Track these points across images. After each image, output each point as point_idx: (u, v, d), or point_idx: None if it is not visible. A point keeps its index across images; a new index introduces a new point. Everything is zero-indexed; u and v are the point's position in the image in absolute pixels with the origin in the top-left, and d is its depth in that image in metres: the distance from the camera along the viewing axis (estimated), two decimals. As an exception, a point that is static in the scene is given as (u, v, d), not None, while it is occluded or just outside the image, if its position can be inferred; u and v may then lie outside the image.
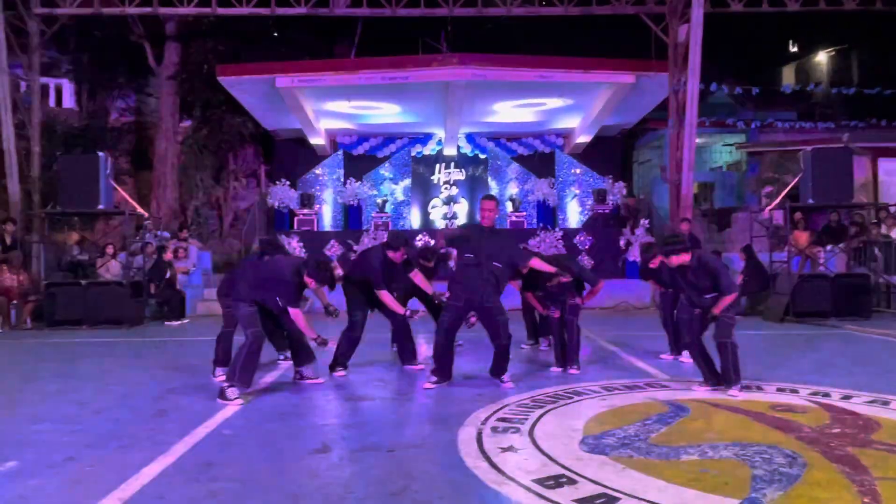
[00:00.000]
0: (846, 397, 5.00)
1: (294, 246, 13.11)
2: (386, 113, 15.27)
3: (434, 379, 5.54)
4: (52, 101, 18.62)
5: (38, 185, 12.72)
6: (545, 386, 5.50)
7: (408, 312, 6.25)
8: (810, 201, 10.61)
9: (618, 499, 3.04)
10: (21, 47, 12.77)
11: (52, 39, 14.10)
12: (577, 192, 16.74)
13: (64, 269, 11.72)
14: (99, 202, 10.44)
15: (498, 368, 5.58)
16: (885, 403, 4.83)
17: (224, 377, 5.46)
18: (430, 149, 17.12)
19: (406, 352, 6.58)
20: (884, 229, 11.76)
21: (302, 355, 5.84)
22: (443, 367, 5.57)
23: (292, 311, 5.23)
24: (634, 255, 13.11)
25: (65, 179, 10.63)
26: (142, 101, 18.10)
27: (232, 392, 5.02)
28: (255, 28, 16.05)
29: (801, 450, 3.72)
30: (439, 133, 16.72)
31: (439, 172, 16.99)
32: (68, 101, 18.91)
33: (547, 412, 4.66)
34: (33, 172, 12.74)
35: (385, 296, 6.03)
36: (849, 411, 4.60)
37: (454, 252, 6.24)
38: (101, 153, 10.92)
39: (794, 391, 5.24)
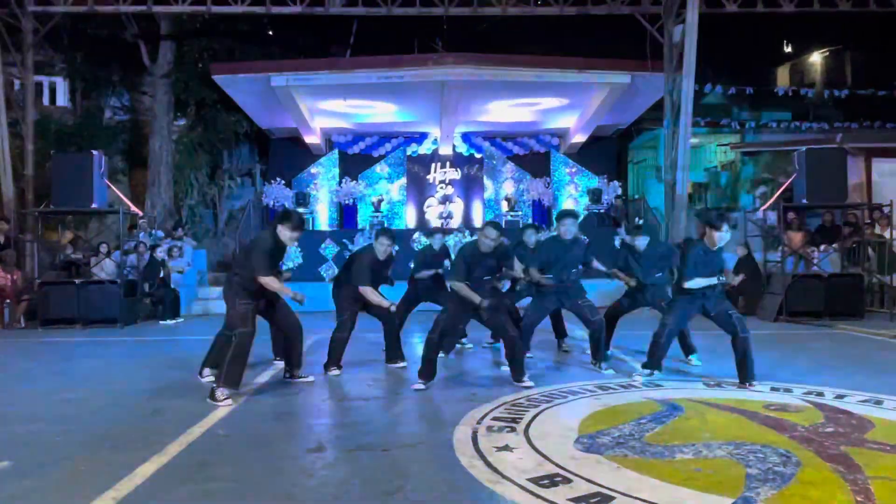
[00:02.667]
0: (840, 397, 5.02)
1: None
2: (381, 112, 15.26)
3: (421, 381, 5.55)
4: (45, 100, 18.53)
5: (32, 184, 12.66)
6: (540, 385, 5.50)
7: (392, 307, 6.20)
8: (804, 201, 10.66)
9: (613, 498, 3.05)
10: (15, 45, 12.70)
11: (46, 37, 14.02)
12: (573, 191, 16.76)
13: (57, 267, 11.66)
14: (93, 201, 10.40)
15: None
16: (879, 403, 4.85)
17: (211, 377, 5.47)
18: (425, 148, 17.12)
19: (392, 351, 6.57)
20: (877, 229, 11.80)
21: (294, 357, 5.83)
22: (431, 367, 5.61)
23: (263, 279, 5.11)
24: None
25: (59, 178, 10.58)
26: (136, 100, 18.02)
27: (221, 392, 5.01)
28: (249, 27, 16.00)
29: (795, 449, 3.74)
30: (435, 132, 16.72)
31: (435, 171, 16.99)
32: (62, 100, 18.83)
33: (542, 411, 4.66)
34: (27, 171, 12.68)
35: (367, 291, 6.06)
36: (842, 410, 4.63)
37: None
38: (95, 152, 10.88)
39: (788, 390, 5.27)
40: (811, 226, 12.98)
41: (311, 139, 16.26)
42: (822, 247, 11.88)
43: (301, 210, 15.42)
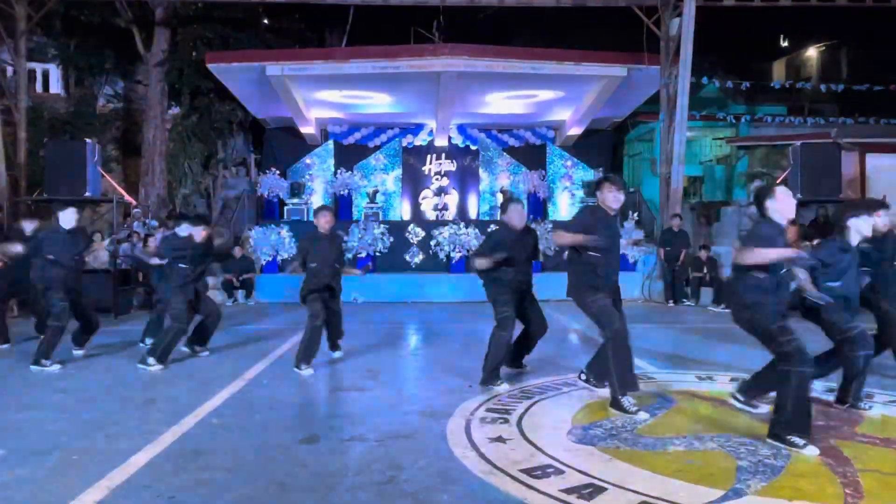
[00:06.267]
0: (830, 390, 5.05)
1: (284, 235, 13.08)
2: (377, 103, 15.20)
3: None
4: (38, 87, 18.39)
5: (25, 172, 12.59)
6: (534, 377, 5.52)
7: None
8: (798, 196, 10.69)
9: (604, 489, 3.07)
10: (7, 32, 12.60)
11: (40, 24, 13.91)
12: (568, 184, 16.76)
13: (51, 256, 11.61)
14: (86, 189, 10.36)
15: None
16: (869, 397, 4.89)
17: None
18: (421, 139, 17.07)
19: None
20: (870, 225, 11.85)
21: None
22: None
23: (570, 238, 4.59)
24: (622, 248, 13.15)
25: (52, 166, 10.53)
26: (130, 88, 17.88)
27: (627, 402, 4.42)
28: (245, 15, 15.89)
29: (786, 442, 3.76)
30: (430, 124, 16.67)
31: (430, 163, 16.95)
32: (55, 87, 18.69)
33: (535, 403, 4.68)
34: (20, 159, 12.60)
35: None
36: (833, 404, 4.66)
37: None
38: (88, 140, 10.82)
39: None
40: (804, 220, 13.03)
41: (307, 129, 16.20)
42: (816, 241, 11.92)
43: (295, 201, 15.39)
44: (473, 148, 17.08)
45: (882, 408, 4.61)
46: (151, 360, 5.95)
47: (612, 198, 4.72)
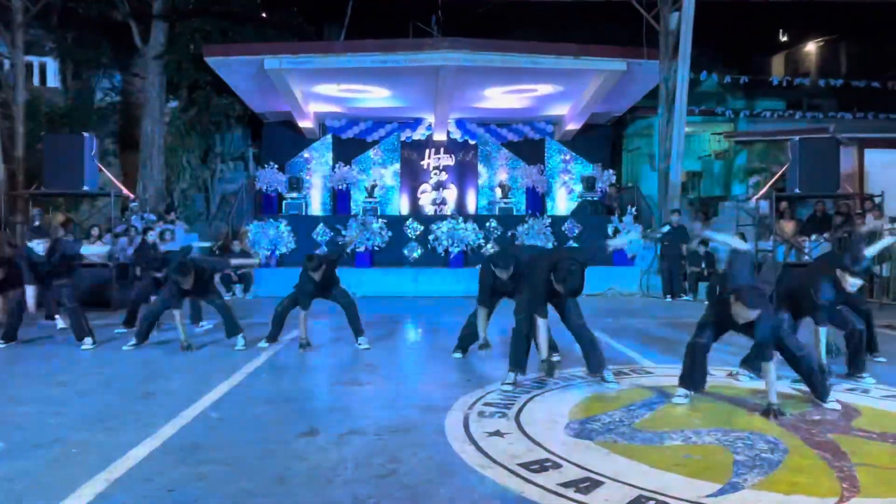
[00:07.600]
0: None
1: (282, 230, 13.07)
2: (376, 97, 15.17)
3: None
4: (36, 80, 18.33)
5: (23, 166, 12.57)
6: (531, 372, 5.53)
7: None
8: (796, 191, 10.72)
9: (602, 483, 3.08)
10: (5, 24, 12.56)
11: (37, 17, 13.87)
12: (567, 179, 16.76)
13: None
14: (84, 183, 10.34)
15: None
16: (865, 391, 4.91)
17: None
18: (419, 134, 17.04)
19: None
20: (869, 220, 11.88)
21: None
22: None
23: None
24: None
25: (50, 160, 10.51)
26: (127, 82, 17.84)
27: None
28: (243, 8, 15.85)
29: (783, 436, 3.79)
30: (429, 118, 16.66)
31: (429, 157, 16.94)
32: (53, 81, 18.64)
33: (533, 398, 4.70)
34: (17, 152, 12.57)
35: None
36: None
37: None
38: (86, 134, 10.79)
39: (778, 378, 5.30)
40: (802, 215, 13.05)
41: (305, 123, 16.17)
42: (814, 236, 11.96)
43: (293, 195, 15.38)
44: (472, 142, 17.07)
45: (879, 402, 4.62)
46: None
47: None
